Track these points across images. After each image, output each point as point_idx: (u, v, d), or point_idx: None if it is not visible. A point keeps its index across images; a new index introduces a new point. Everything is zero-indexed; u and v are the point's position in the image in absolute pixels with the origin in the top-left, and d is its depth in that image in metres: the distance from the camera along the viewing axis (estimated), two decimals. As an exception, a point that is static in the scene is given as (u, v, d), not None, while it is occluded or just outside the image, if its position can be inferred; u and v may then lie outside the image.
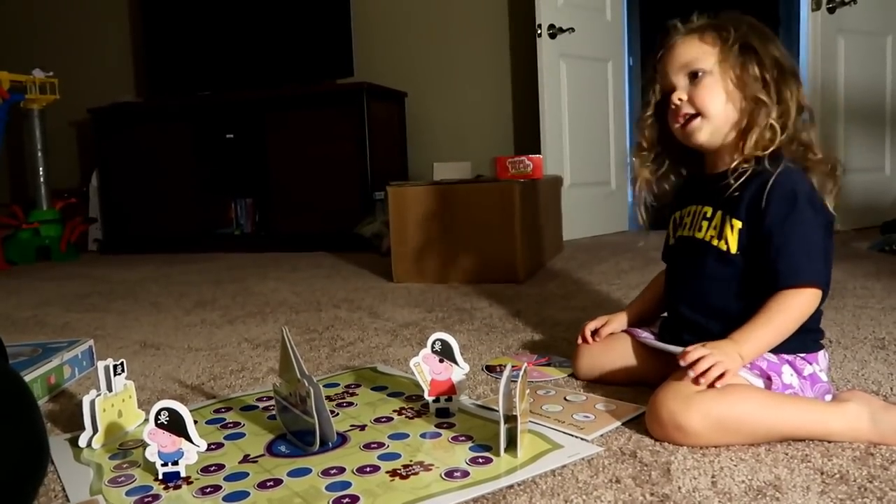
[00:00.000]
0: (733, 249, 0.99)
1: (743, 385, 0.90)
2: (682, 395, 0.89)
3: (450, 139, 3.67)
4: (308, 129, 3.44)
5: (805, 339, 0.99)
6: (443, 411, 1.03)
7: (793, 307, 0.93)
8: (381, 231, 3.11)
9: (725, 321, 0.97)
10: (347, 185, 3.38)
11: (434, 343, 1.05)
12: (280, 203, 3.51)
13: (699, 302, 1.04)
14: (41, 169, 3.66)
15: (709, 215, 1.03)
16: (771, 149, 0.97)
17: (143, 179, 3.73)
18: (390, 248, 2.45)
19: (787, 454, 0.85)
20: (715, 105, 0.99)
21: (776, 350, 0.96)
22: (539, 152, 3.07)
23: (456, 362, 1.05)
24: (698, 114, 1.00)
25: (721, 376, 0.88)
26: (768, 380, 0.94)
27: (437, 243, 2.32)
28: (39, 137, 3.65)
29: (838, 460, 0.83)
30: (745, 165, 0.98)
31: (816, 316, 1.01)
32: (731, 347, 0.91)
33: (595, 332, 1.19)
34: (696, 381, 0.89)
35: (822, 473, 0.80)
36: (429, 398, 1.04)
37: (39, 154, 3.66)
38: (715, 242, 1.00)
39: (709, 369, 0.88)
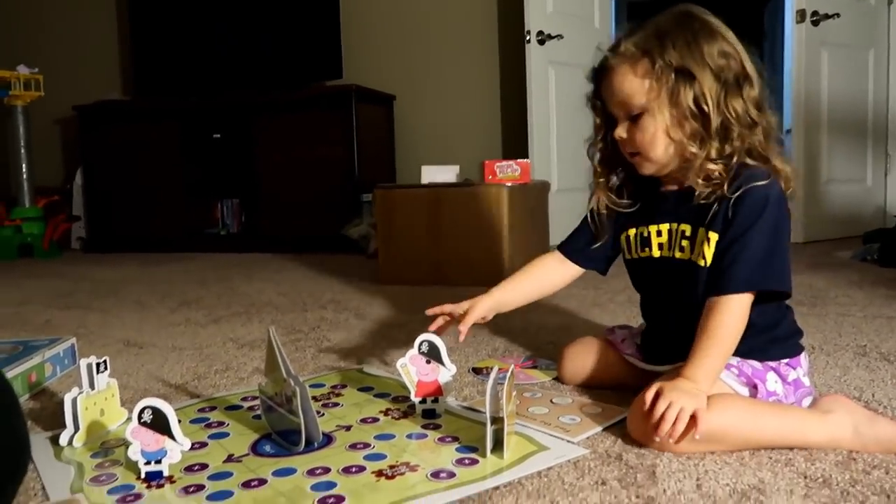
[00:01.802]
0: (708, 262, 0.96)
1: (724, 396, 0.90)
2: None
3: (438, 142, 3.68)
4: (296, 131, 3.43)
5: (787, 345, 1.00)
6: (429, 412, 1.03)
7: (730, 321, 0.91)
8: (368, 233, 3.10)
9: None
10: (335, 187, 3.37)
11: (421, 344, 1.05)
12: (267, 204, 3.50)
13: (686, 321, 0.97)
14: (24, 166, 3.61)
15: (688, 234, 0.99)
16: (724, 178, 0.94)
17: (128, 178, 3.70)
18: (377, 250, 2.45)
19: (770, 458, 0.85)
20: (654, 147, 0.96)
21: (761, 358, 0.97)
22: (527, 157, 3.08)
23: (443, 363, 1.05)
24: (640, 153, 0.99)
25: (693, 422, 0.84)
26: (754, 388, 0.94)
27: (424, 246, 2.32)
28: (23, 134, 3.61)
29: (821, 465, 0.83)
30: (711, 188, 0.95)
31: (790, 319, 1.02)
32: (687, 385, 0.88)
33: (461, 318, 1.14)
34: (669, 434, 0.84)
35: (805, 477, 0.80)
36: (415, 399, 1.03)
37: (23, 151, 3.62)
38: (699, 262, 0.96)
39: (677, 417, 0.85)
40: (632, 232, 1.07)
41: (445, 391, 1.04)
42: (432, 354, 1.05)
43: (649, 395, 0.89)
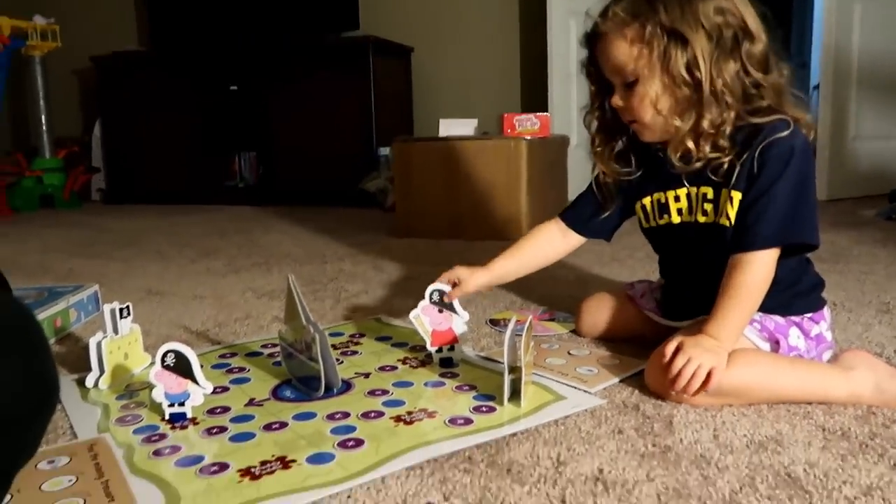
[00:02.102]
0: (732, 221, 0.93)
1: (745, 352, 0.90)
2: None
3: (456, 95, 3.62)
4: (312, 83, 3.39)
5: (810, 299, 0.98)
6: (446, 361, 1.04)
7: (755, 278, 0.89)
8: (385, 187, 3.09)
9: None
10: (352, 140, 3.35)
11: (432, 294, 1.05)
12: (284, 157, 3.49)
13: (708, 280, 0.95)
14: (43, 117, 3.62)
15: (710, 196, 0.95)
16: (725, 137, 0.91)
17: (145, 130, 3.70)
18: (394, 203, 2.44)
19: (789, 411, 0.85)
20: (649, 115, 0.93)
21: (784, 313, 0.95)
22: (546, 110, 3.03)
23: (455, 311, 1.05)
24: (635, 119, 0.96)
25: (708, 379, 0.84)
26: (776, 343, 0.94)
27: (441, 200, 2.31)
28: (41, 85, 3.61)
29: (840, 418, 0.83)
30: (717, 154, 0.92)
31: (812, 271, 1.00)
32: (709, 342, 0.88)
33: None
34: (685, 389, 0.85)
35: (823, 430, 0.80)
36: (431, 349, 1.04)
37: (41, 102, 3.62)
38: (722, 222, 0.94)
39: (695, 373, 0.85)
40: (647, 200, 1.04)
41: (461, 338, 1.05)
42: (444, 303, 1.05)
43: (669, 348, 0.88)
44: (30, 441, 0.54)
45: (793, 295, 0.96)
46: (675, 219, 1.01)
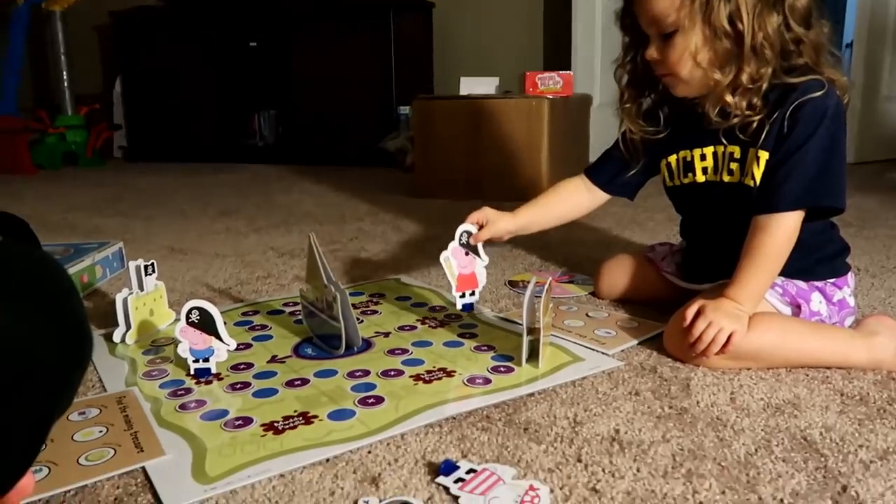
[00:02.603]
0: (757, 182, 0.92)
1: (766, 315, 0.89)
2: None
3: (478, 53, 3.57)
4: (333, 40, 3.35)
5: (834, 264, 0.97)
6: (468, 305, 1.06)
7: (779, 241, 0.88)
8: (405, 146, 3.08)
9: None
10: (372, 99, 3.32)
11: (461, 235, 1.06)
12: (303, 115, 3.47)
13: (730, 241, 0.95)
14: (64, 73, 3.62)
15: (737, 156, 0.94)
16: (759, 94, 0.89)
17: (166, 86, 3.69)
18: (414, 163, 2.43)
19: (807, 375, 0.85)
20: (686, 68, 0.91)
21: (807, 277, 0.95)
22: (569, 69, 2.97)
23: (479, 255, 1.07)
24: (672, 74, 0.93)
25: (727, 343, 0.84)
26: (797, 307, 0.93)
27: (461, 159, 2.30)
28: (62, 41, 3.61)
29: (859, 383, 0.83)
30: (747, 113, 0.90)
31: (837, 236, 0.99)
32: (730, 305, 0.87)
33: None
34: (704, 352, 0.86)
35: (841, 394, 0.80)
36: (456, 294, 1.05)
37: (63, 58, 3.62)
38: (748, 182, 0.93)
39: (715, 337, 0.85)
40: (672, 158, 1.02)
41: (480, 282, 1.06)
42: (470, 245, 1.06)
43: (690, 312, 0.88)
44: (66, 392, 0.56)
45: (816, 259, 0.95)
46: (700, 178, 0.99)
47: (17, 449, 0.51)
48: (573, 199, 1.15)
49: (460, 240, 1.05)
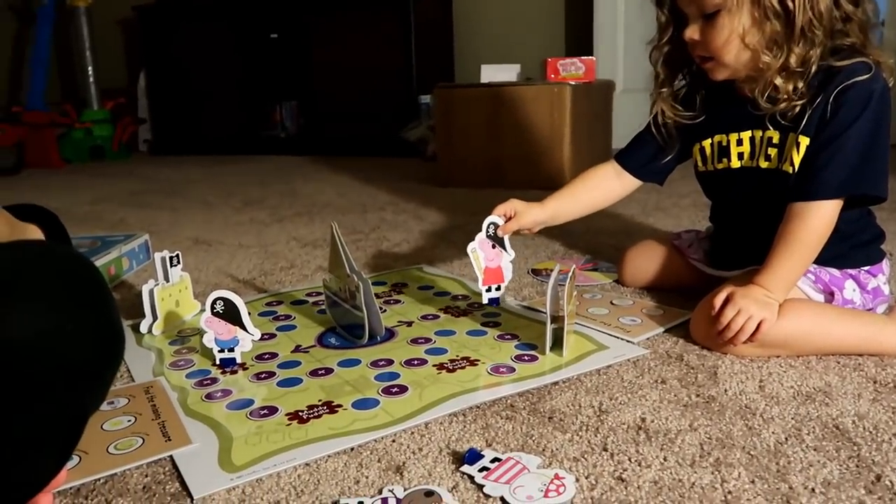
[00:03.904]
0: (796, 168, 0.88)
1: (796, 303, 0.87)
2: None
3: (498, 40, 3.54)
4: (353, 29, 3.35)
5: (869, 251, 0.95)
6: (495, 300, 1.04)
7: (815, 229, 0.85)
8: (426, 135, 3.07)
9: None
10: (392, 88, 3.31)
11: (489, 227, 1.03)
12: (325, 106, 3.48)
13: (763, 228, 0.92)
14: (90, 68, 3.67)
15: (776, 141, 0.91)
16: (801, 91, 0.86)
17: (189, 79, 3.73)
18: (435, 152, 2.43)
19: (839, 363, 0.84)
20: (729, 52, 0.87)
21: (841, 265, 0.92)
22: (592, 55, 2.94)
23: (505, 249, 1.04)
24: (713, 57, 0.89)
25: (757, 331, 0.83)
26: (830, 295, 0.91)
27: (483, 147, 2.28)
28: (87, 36, 3.65)
29: (893, 370, 0.81)
30: (793, 98, 0.86)
31: (873, 222, 0.96)
32: (760, 293, 0.85)
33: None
34: (733, 340, 0.84)
35: (874, 382, 0.79)
36: (482, 287, 1.03)
37: (88, 53, 3.67)
38: (786, 168, 0.89)
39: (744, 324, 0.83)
40: (707, 143, 0.99)
41: (506, 277, 1.04)
42: (497, 237, 1.04)
43: (719, 299, 0.86)
44: (100, 389, 0.57)
45: (850, 247, 0.93)
46: (735, 163, 0.96)
47: (54, 445, 0.52)
48: (604, 186, 1.11)
49: (487, 231, 1.03)
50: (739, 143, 0.95)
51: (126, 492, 0.63)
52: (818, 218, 0.85)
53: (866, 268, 0.94)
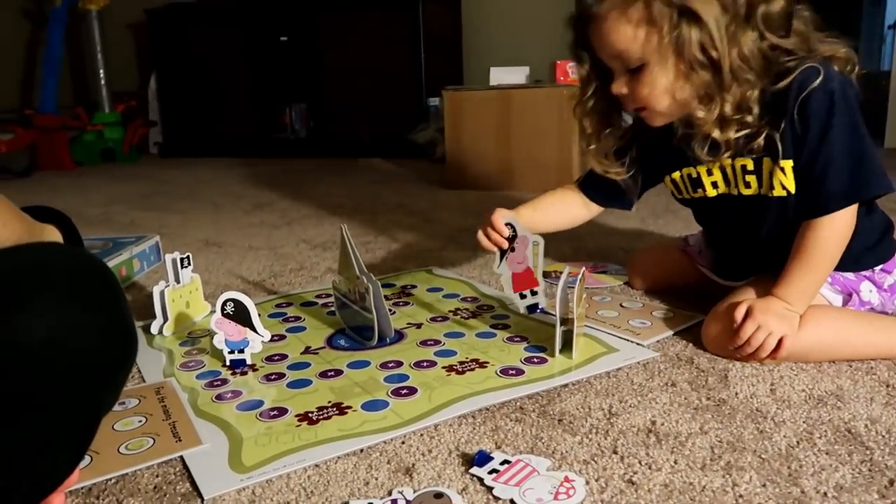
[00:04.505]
0: (793, 189, 0.86)
1: (815, 312, 0.85)
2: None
3: (507, 42, 3.54)
4: (362, 32, 3.36)
5: (880, 249, 0.93)
6: (533, 307, 0.98)
7: (831, 239, 0.83)
8: (435, 138, 3.07)
9: (789, 242, 0.88)
10: (402, 91, 3.32)
11: (507, 226, 0.97)
12: (333, 108, 3.49)
13: (761, 248, 0.92)
14: (101, 71, 3.70)
15: (751, 168, 0.88)
16: (751, 116, 0.83)
17: (199, 82, 3.74)
18: (444, 154, 2.43)
19: (850, 366, 0.83)
20: (660, 101, 0.84)
21: (854, 269, 0.91)
22: (600, 57, 2.93)
23: (518, 232, 0.97)
24: (645, 107, 0.87)
25: (779, 346, 0.81)
26: (848, 295, 0.90)
27: (492, 150, 2.28)
28: (98, 39, 3.68)
29: (905, 374, 0.81)
30: (748, 130, 0.83)
31: (879, 217, 0.94)
32: (780, 306, 0.83)
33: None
34: (753, 356, 0.83)
35: (887, 386, 0.78)
36: (513, 294, 0.97)
37: (99, 56, 3.69)
38: (774, 194, 0.87)
39: (764, 340, 0.82)
40: (676, 175, 0.97)
41: (536, 272, 0.97)
42: (512, 237, 0.97)
43: (740, 312, 0.84)
44: (113, 391, 0.57)
45: (861, 250, 0.91)
46: (711, 192, 0.94)
47: (68, 446, 0.53)
48: (571, 213, 1.09)
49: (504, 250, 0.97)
50: (710, 173, 0.92)
51: (137, 492, 0.63)
52: (831, 229, 0.83)
53: (880, 266, 0.92)
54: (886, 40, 3.29)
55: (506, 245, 0.97)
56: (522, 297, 0.97)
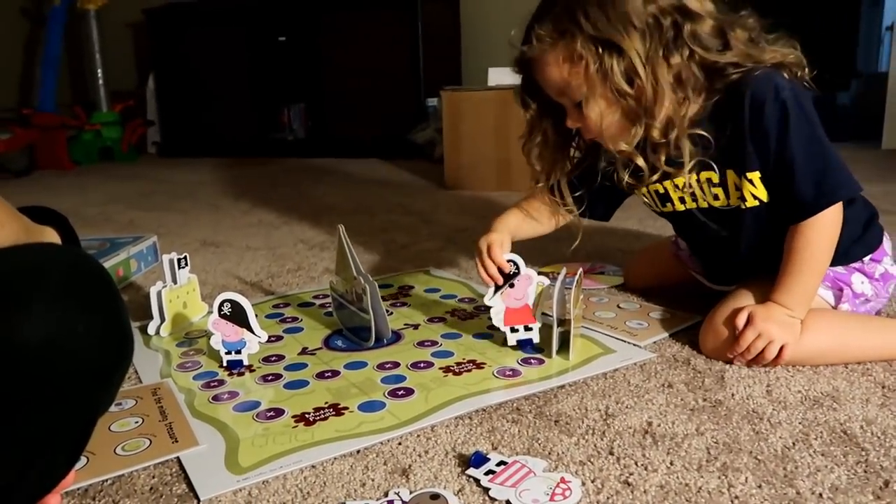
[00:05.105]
0: (765, 198, 0.86)
1: (814, 317, 0.85)
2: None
3: (506, 43, 3.54)
4: (361, 32, 3.36)
5: (866, 239, 0.93)
6: (525, 342, 0.92)
7: (820, 239, 0.83)
8: (433, 138, 3.07)
9: (773, 248, 0.89)
10: (400, 91, 3.32)
11: (509, 262, 0.94)
12: (333, 108, 3.49)
13: (744, 254, 0.92)
14: (100, 70, 3.69)
15: (716, 181, 0.88)
16: (702, 125, 0.83)
17: (198, 82, 3.74)
18: (443, 155, 2.43)
19: (846, 368, 0.83)
20: (608, 128, 0.86)
21: (844, 262, 0.91)
22: (599, 58, 2.93)
23: (522, 270, 0.93)
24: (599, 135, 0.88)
25: (779, 355, 0.82)
26: (839, 290, 0.91)
27: (490, 150, 2.28)
28: (97, 38, 3.68)
29: (901, 375, 0.81)
30: (665, 164, 0.85)
31: (861, 206, 0.93)
32: (782, 313, 0.83)
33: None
34: (752, 362, 0.83)
35: (883, 387, 0.78)
36: (504, 328, 0.92)
37: (97, 55, 3.69)
38: (746, 205, 0.87)
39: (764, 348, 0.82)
40: (644, 191, 0.96)
41: (534, 302, 0.93)
42: (509, 275, 0.93)
43: (741, 319, 0.84)
44: (109, 392, 0.57)
45: (848, 244, 0.90)
46: (679, 206, 0.94)
47: (64, 447, 0.53)
48: (543, 223, 1.09)
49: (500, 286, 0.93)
50: (677, 188, 0.92)
51: (133, 493, 0.63)
52: (818, 230, 0.83)
53: (868, 256, 0.92)
54: (884, 41, 3.29)
55: (501, 281, 0.93)
56: (514, 330, 0.92)
